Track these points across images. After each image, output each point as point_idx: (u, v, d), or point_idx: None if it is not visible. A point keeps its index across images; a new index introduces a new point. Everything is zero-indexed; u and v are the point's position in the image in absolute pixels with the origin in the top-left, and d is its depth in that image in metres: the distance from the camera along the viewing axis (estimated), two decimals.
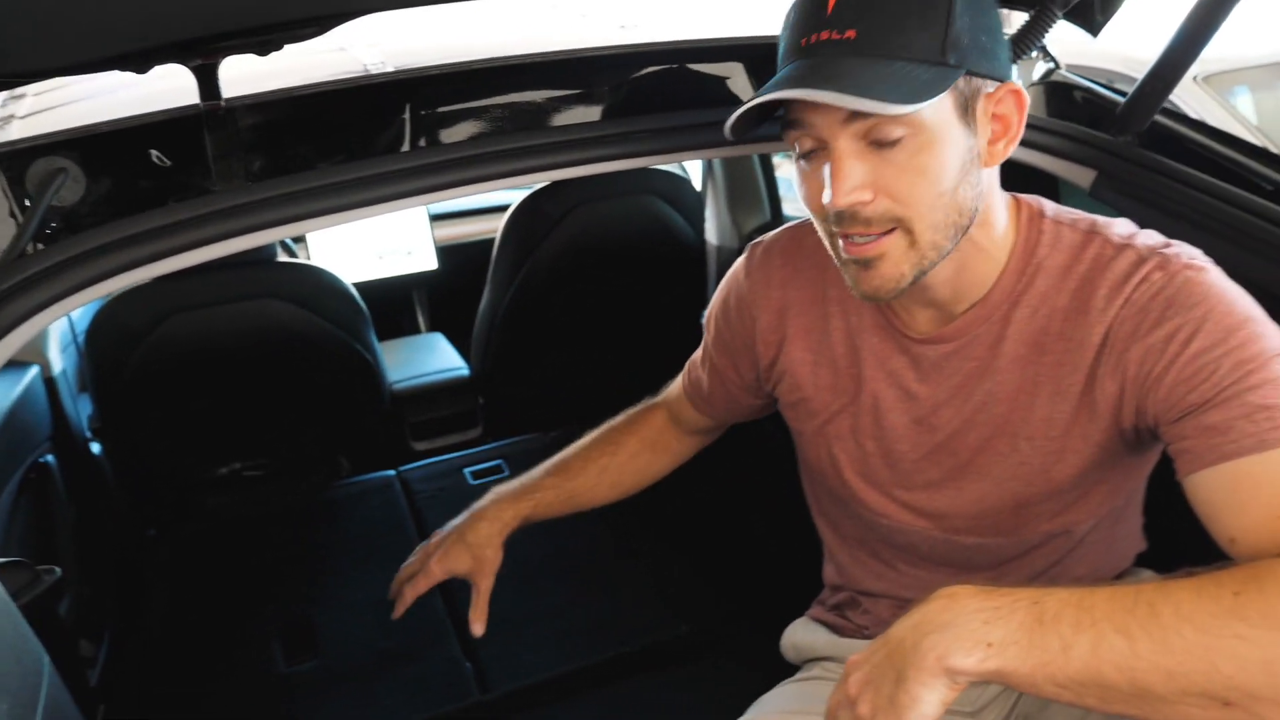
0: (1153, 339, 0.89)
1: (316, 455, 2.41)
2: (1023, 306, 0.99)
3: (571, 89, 1.26)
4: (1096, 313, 0.94)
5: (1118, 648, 0.70)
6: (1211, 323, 0.85)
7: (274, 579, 1.94)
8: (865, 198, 0.88)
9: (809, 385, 1.13)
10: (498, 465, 2.30)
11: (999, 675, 0.73)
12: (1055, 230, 0.99)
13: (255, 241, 1.10)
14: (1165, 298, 0.89)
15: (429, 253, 3.01)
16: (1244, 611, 0.69)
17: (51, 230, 1.06)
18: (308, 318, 2.13)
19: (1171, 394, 0.87)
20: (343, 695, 1.61)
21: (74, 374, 2.13)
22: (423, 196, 1.16)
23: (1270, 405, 0.81)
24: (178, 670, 1.72)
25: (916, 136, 0.87)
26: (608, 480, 1.39)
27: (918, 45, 0.86)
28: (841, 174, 0.87)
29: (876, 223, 0.89)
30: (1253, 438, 0.81)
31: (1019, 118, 0.94)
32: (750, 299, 1.17)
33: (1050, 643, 0.72)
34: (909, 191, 0.88)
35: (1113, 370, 0.93)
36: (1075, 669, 0.71)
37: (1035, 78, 1.44)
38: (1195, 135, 1.29)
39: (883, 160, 0.88)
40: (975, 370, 1.02)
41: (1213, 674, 0.68)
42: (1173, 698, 0.70)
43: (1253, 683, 0.68)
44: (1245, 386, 0.82)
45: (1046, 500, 1.03)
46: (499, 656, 1.67)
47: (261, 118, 1.11)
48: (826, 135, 0.88)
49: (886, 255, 0.91)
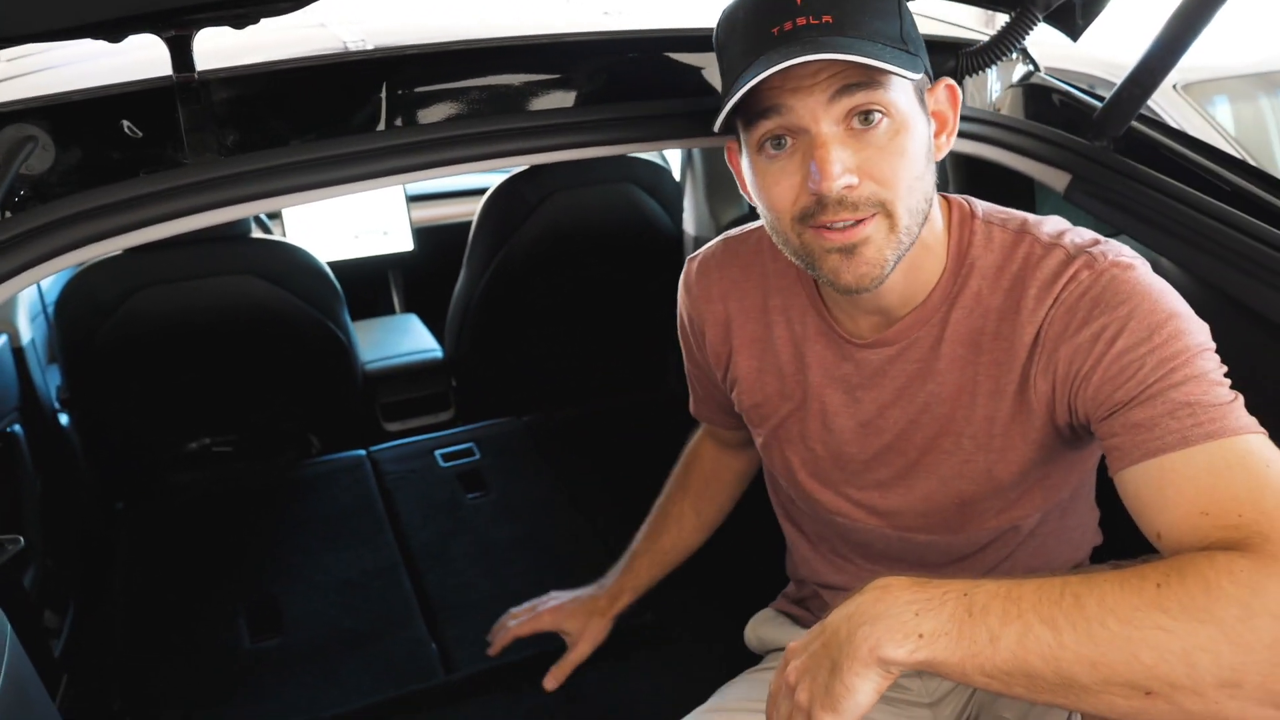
0: (1080, 338, 0.91)
1: (287, 433, 2.40)
2: (958, 308, 1.00)
3: (553, 74, 1.26)
4: (1027, 313, 0.95)
5: (1044, 639, 0.72)
6: (1136, 320, 0.87)
7: (241, 555, 1.93)
8: (853, 181, 0.89)
9: (757, 392, 1.15)
10: (469, 448, 2.29)
11: (929, 665, 0.75)
12: (986, 230, 1.00)
13: (226, 216, 1.09)
14: (1092, 297, 0.91)
15: (405, 234, 2.99)
16: (1165, 603, 0.71)
17: (19, 198, 1.05)
18: (281, 295, 2.12)
19: (1099, 392, 0.89)
20: (307, 673, 1.61)
21: (43, 344, 2.11)
22: (398, 176, 1.16)
23: (1193, 402, 0.83)
24: (142, 643, 1.71)
25: (893, 118, 0.89)
26: (689, 526, 1.44)
27: (885, 32, 0.88)
28: (830, 158, 0.88)
29: (863, 207, 0.90)
30: (1176, 434, 0.83)
31: (954, 113, 0.98)
32: (695, 314, 1.20)
33: (979, 634, 0.73)
34: (892, 173, 0.90)
35: (1044, 369, 0.95)
36: (1002, 659, 0.73)
37: (1014, 80, 1.45)
38: (1171, 143, 1.30)
39: (863, 143, 0.89)
40: (917, 372, 1.03)
41: (1134, 664, 0.70)
42: (1096, 687, 0.71)
43: (1172, 673, 0.70)
44: (1169, 384, 0.84)
45: (991, 497, 1.05)
46: (464, 638, 1.67)
47: (236, 92, 1.10)
48: (807, 120, 0.89)
49: (870, 240, 0.91)
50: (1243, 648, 0.68)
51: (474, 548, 1.93)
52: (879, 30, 0.88)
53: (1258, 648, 0.68)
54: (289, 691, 1.57)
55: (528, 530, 1.98)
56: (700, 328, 1.19)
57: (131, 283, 2.00)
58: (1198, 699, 0.70)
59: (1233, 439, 0.81)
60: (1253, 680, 0.68)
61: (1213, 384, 0.84)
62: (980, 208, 1.03)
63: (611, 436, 1.31)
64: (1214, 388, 0.84)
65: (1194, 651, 0.69)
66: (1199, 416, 0.82)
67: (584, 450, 2.24)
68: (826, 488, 1.14)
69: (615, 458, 1.42)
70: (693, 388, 1.34)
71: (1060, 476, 1.06)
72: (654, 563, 1.44)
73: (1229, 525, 0.77)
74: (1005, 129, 1.37)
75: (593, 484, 2.10)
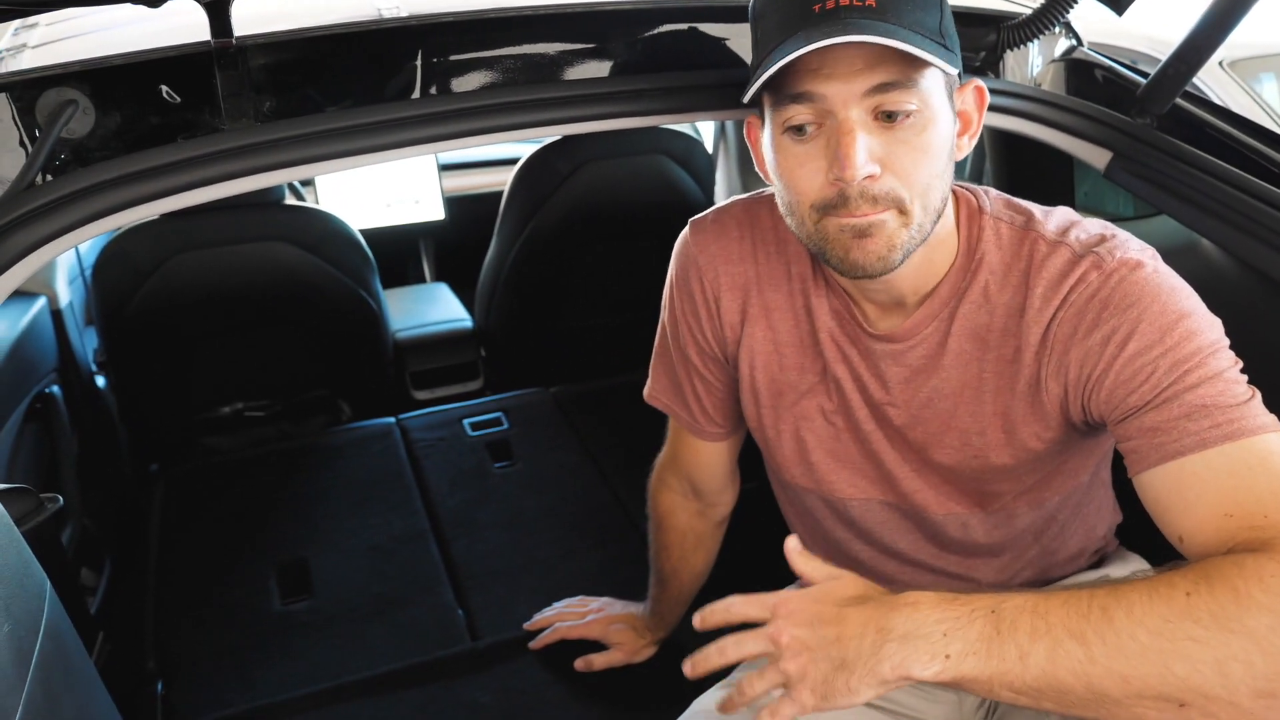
0: (1090, 341, 0.89)
1: (318, 399, 2.42)
2: (966, 303, 0.99)
3: (587, 43, 1.25)
4: (1034, 312, 0.94)
5: (1073, 654, 0.71)
6: (1146, 323, 0.86)
7: (272, 519, 1.96)
8: (876, 171, 0.88)
9: (775, 365, 1.11)
10: (497, 418, 2.31)
11: (957, 684, 0.74)
12: (994, 226, 0.99)
13: (262, 182, 1.10)
14: (1100, 299, 0.89)
15: (437, 203, 3.00)
16: (1195, 613, 0.70)
17: (60, 162, 1.06)
18: (314, 262, 2.13)
19: (1112, 396, 0.88)
20: (336, 635, 1.63)
21: (80, 307, 2.14)
22: (432, 145, 1.16)
23: (1209, 404, 0.82)
24: (175, 603, 1.74)
25: (923, 112, 0.87)
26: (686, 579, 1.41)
27: (926, 24, 0.86)
28: (856, 147, 0.86)
29: (882, 200, 0.89)
30: (1194, 437, 0.82)
31: (979, 115, 0.96)
32: (710, 276, 1.12)
33: (1008, 652, 0.72)
34: (913, 169, 0.88)
35: (1055, 372, 0.94)
36: (1032, 676, 0.72)
37: (1056, 54, 1.43)
38: (1217, 121, 1.27)
39: (890, 136, 0.88)
40: (922, 366, 1.02)
41: (1167, 676, 0.69)
42: (1129, 700, 0.71)
43: (1206, 684, 0.69)
44: (1184, 386, 0.83)
45: (1008, 485, 1.05)
46: (491, 606, 1.69)
47: (273, 58, 1.11)
48: (838, 106, 0.87)
49: (883, 224, 0.89)
50: (1277, 657, 0.67)
51: (501, 516, 1.95)
52: (920, 21, 0.86)
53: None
54: (318, 653, 1.60)
55: (554, 500, 2.00)
56: (714, 292, 1.12)
57: (167, 248, 2.03)
58: (1234, 710, 0.69)
59: (1252, 439, 0.80)
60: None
61: (1228, 383, 0.83)
62: (989, 202, 1.01)
63: (639, 408, 1.31)
64: (1230, 387, 0.83)
65: (1227, 662, 0.68)
66: (1216, 418, 0.82)
67: (611, 421, 2.25)
68: (843, 466, 1.12)
69: (642, 429, 1.42)
70: (671, 376, 1.24)
71: (1078, 462, 1.05)
72: (674, 605, 1.43)
73: (1254, 526, 0.76)
74: (1045, 104, 1.35)
75: (619, 455, 2.11)
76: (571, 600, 1.57)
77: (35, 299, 1.82)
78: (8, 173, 1.03)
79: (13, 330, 1.65)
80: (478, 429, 2.26)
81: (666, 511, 1.37)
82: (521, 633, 1.55)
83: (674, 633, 1.48)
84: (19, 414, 1.64)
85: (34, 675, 0.86)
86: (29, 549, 0.96)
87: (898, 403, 1.05)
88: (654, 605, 1.45)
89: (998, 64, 1.40)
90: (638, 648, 1.46)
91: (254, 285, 2.13)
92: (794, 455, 1.15)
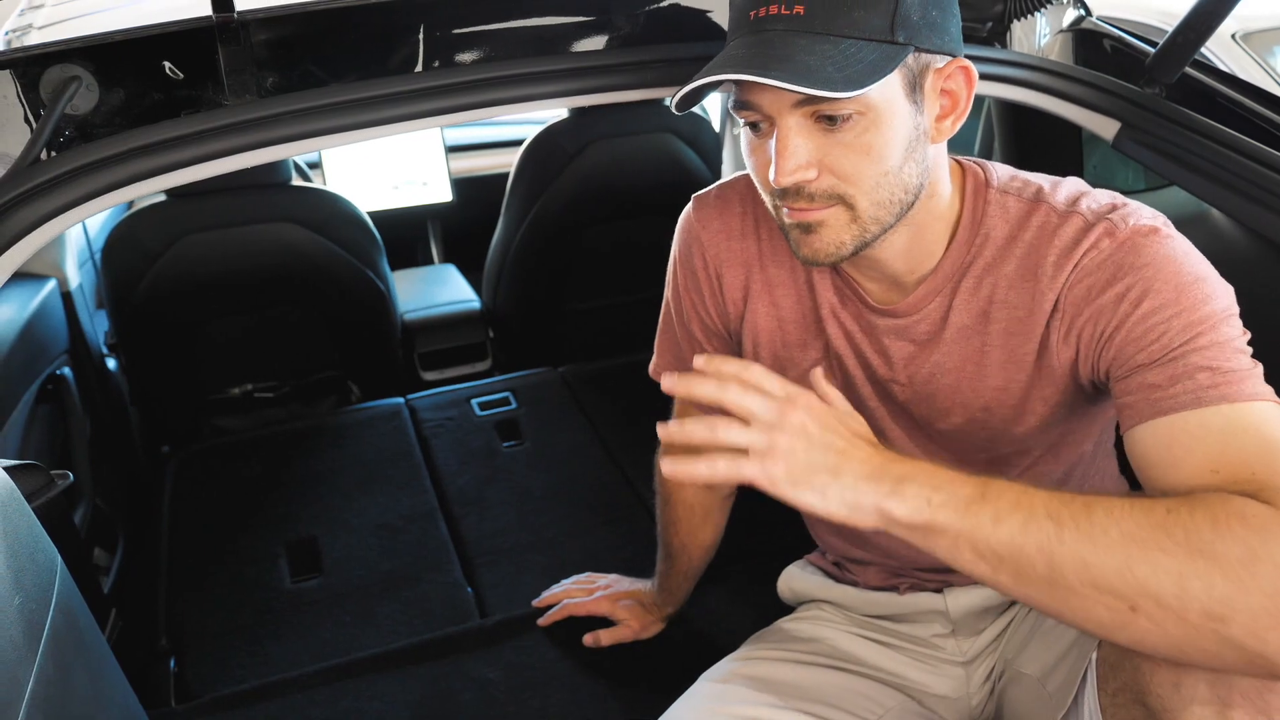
0: (1104, 299, 0.89)
1: (327, 380, 2.43)
2: (970, 277, 0.99)
3: (592, 15, 1.24)
4: (1046, 280, 0.94)
5: (1045, 529, 0.74)
6: (1161, 282, 0.86)
7: (282, 498, 1.97)
8: (810, 175, 0.88)
9: (778, 341, 1.11)
10: (505, 398, 2.31)
11: (928, 528, 0.77)
12: (1001, 200, 0.98)
13: (266, 157, 1.10)
14: (1115, 262, 0.89)
15: (444, 184, 2.99)
16: (1170, 528, 0.71)
17: (65, 138, 1.06)
18: (322, 243, 2.14)
19: (1121, 352, 0.88)
20: (345, 612, 1.64)
21: (91, 290, 2.15)
22: (435, 118, 1.15)
23: (1211, 366, 0.82)
24: (186, 582, 1.76)
25: (864, 115, 0.86)
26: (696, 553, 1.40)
27: (866, 22, 0.84)
28: (786, 152, 0.87)
29: (820, 198, 0.89)
30: (1190, 394, 0.82)
31: (968, 94, 0.93)
32: (713, 252, 1.13)
33: (984, 512, 0.76)
34: (854, 170, 0.88)
35: (1066, 335, 0.94)
36: (999, 541, 0.75)
37: (1065, 24, 1.41)
38: (1227, 89, 1.26)
39: (829, 138, 0.87)
40: (924, 342, 1.02)
41: (1126, 574, 0.71)
42: (1083, 589, 0.72)
43: (1162, 591, 0.70)
44: (1192, 348, 0.83)
45: (1014, 456, 1.05)
46: (499, 583, 1.70)
47: (275, 33, 1.11)
48: (774, 114, 0.88)
49: (825, 223, 0.91)
50: (1238, 586, 0.68)
51: (509, 495, 1.96)
52: (858, 21, 0.84)
53: (1253, 590, 0.68)
54: (328, 630, 1.61)
55: (562, 479, 2.00)
56: (717, 268, 1.13)
57: (176, 229, 2.03)
58: (1180, 624, 0.70)
59: (1249, 404, 0.80)
60: (1240, 619, 0.68)
61: (1235, 351, 0.83)
62: (995, 175, 1.00)
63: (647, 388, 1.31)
64: (1236, 355, 0.83)
65: (1189, 577, 0.70)
66: (1215, 379, 0.81)
67: (619, 401, 2.25)
68: None
69: (650, 409, 1.41)
70: (675, 351, 1.24)
71: (1083, 430, 1.05)
72: (682, 580, 1.44)
73: (1239, 481, 0.76)
74: (1052, 75, 1.34)
75: (627, 435, 2.11)
76: (579, 577, 1.58)
77: (45, 281, 1.83)
78: (12, 149, 1.03)
79: (23, 312, 1.66)
80: (486, 409, 2.27)
81: (674, 486, 1.37)
82: (529, 610, 1.56)
83: (681, 609, 1.48)
84: (31, 395, 1.65)
85: (45, 648, 0.87)
86: (39, 524, 0.97)
87: (901, 379, 1.05)
88: (662, 581, 1.45)
89: (1005, 34, 1.38)
90: (645, 624, 1.47)
91: (263, 267, 2.13)
92: None
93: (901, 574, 1.20)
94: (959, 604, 1.18)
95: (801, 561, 1.37)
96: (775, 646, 1.21)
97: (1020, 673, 1.12)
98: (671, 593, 1.45)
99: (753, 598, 1.46)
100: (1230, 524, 0.70)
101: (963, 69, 0.92)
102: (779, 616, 1.32)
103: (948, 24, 0.90)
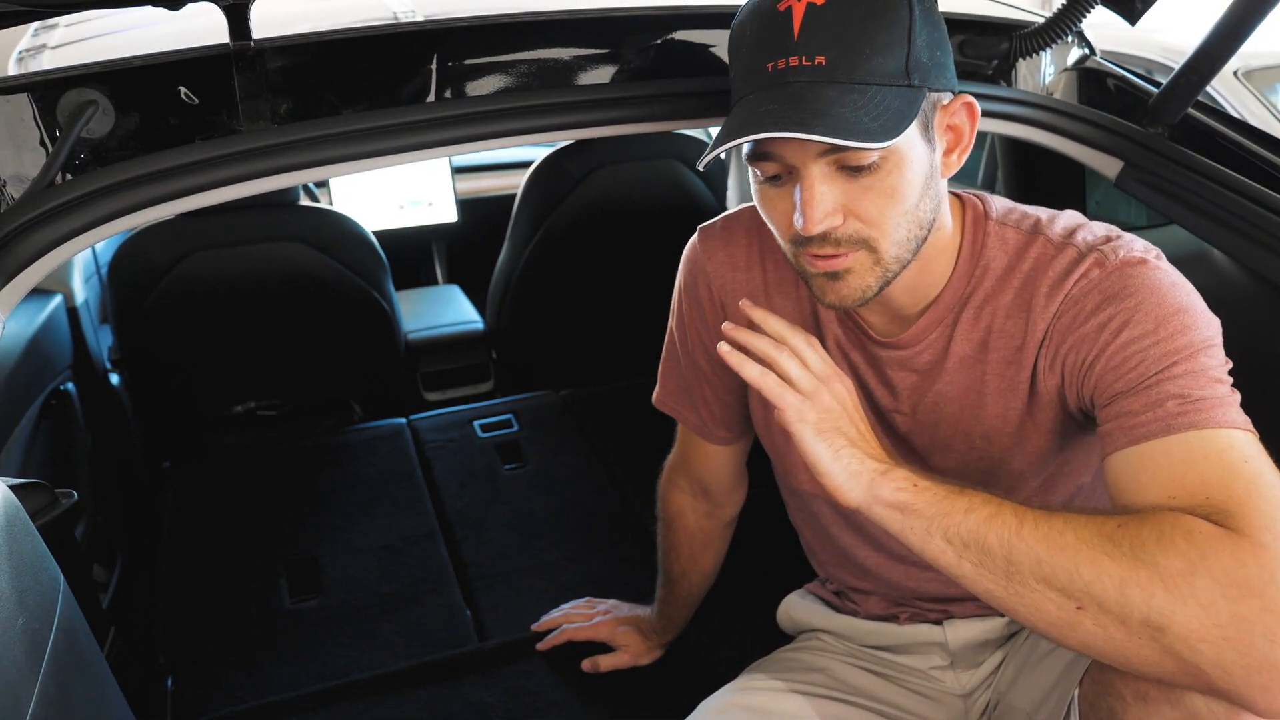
0: (1087, 328, 0.91)
1: (330, 399, 2.44)
2: (970, 308, 1.00)
3: (600, 48, 1.26)
4: (1038, 310, 0.95)
5: (1008, 523, 0.80)
6: (1143, 312, 0.87)
7: (283, 517, 1.97)
8: (837, 222, 0.89)
9: None
10: (508, 420, 2.32)
11: (904, 508, 0.85)
12: (1000, 233, 0.99)
13: (279, 184, 1.11)
14: (1101, 290, 0.91)
15: (450, 205, 3.01)
16: (1118, 538, 0.76)
17: (80, 162, 1.07)
18: (327, 263, 2.15)
19: (1101, 380, 0.89)
20: (344, 634, 1.64)
21: (96, 305, 2.16)
22: (446, 148, 1.17)
23: (1184, 395, 0.83)
24: (186, 600, 1.76)
25: (889, 160, 0.87)
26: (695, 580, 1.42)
27: (884, 68, 0.85)
28: (814, 201, 0.87)
29: (845, 243, 0.90)
30: (1160, 422, 0.83)
31: (971, 127, 0.95)
32: (718, 283, 1.14)
33: (958, 502, 0.83)
34: (879, 214, 0.89)
35: (1052, 363, 0.95)
36: (967, 528, 0.81)
37: (1069, 63, 1.43)
38: (1229, 131, 1.27)
39: (853, 184, 0.88)
40: (927, 373, 1.03)
41: (1074, 575, 0.76)
42: (1035, 582, 0.78)
43: (1104, 595, 0.73)
44: (1167, 376, 0.84)
45: (1012, 490, 1.05)
46: (498, 606, 1.70)
47: (290, 61, 1.12)
48: (797, 164, 0.88)
49: (851, 270, 0.92)
50: (1176, 597, 0.72)
51: (510, 518, 1.96)
52: (877, 68, 0.85)
53: (1191, 603, 0.71)
54: (326, 652, 1.61)
55: (564, 502, 2.00)
56: (722, 300, 1.14)
57: (183, 247, 2.04)
58: (1122, 629, 0.74)
59: (1216, 430, 0.82)
60: (1177, 629, 0.72)
61: (1211, 380, 0.84)
62: (995, 208, 1.01)
63: (648, 412, 1.32)
64: (1211, 384, 0.84)
65: (1130, 584, 0.74)
66: (1184, 407, 0.83)
67: (621, 424, 2.26)
68: None
69: (651, 433, 1.42)
70: (680, 381, 1.25)
71: (1080, 461, 1.05)
72: (682, 607, 1.44)
73: (1195, 505, 0.78)
74: (1057, 113, 1.35)
75: (629, 458, 2.11)
76: (579, 602, 1.58)
77: (51, 296, 1.84)
78: (29, 171, 1.04)
79: (29, 327, 1.67)
80: (488, 430, 2.27)
81: (676, 512, 1.37)
82: (529, 634, 1.55)
83: (681, 636, 1.48)
84: (34, 410, 1.65)
85: (47, 668, 0.87)
86: (44, 543, 0.97)
87: (904, 409, 1.05)
88: (662, 607, 1.45)
89: (1010, 72, 1.40)
90: (645, 650, 1.47)
91: (268, 285, 2.14)
92: (802, 461, 1.15)
93: (903, 603, 1.20)
94: (958, 636, 1.18)
95: (801, 591, 1.37)
96: (774, 676, 1.21)
97: (1012, 706, 1.12)
98: (671, 619, 1.45)
99: (752, 626, 1.46)
100: (1175, 539, 0.74)
101: (966, 105, 0.94)
102: (778, 646, 1.32)
103: (948, 62, 0.92)
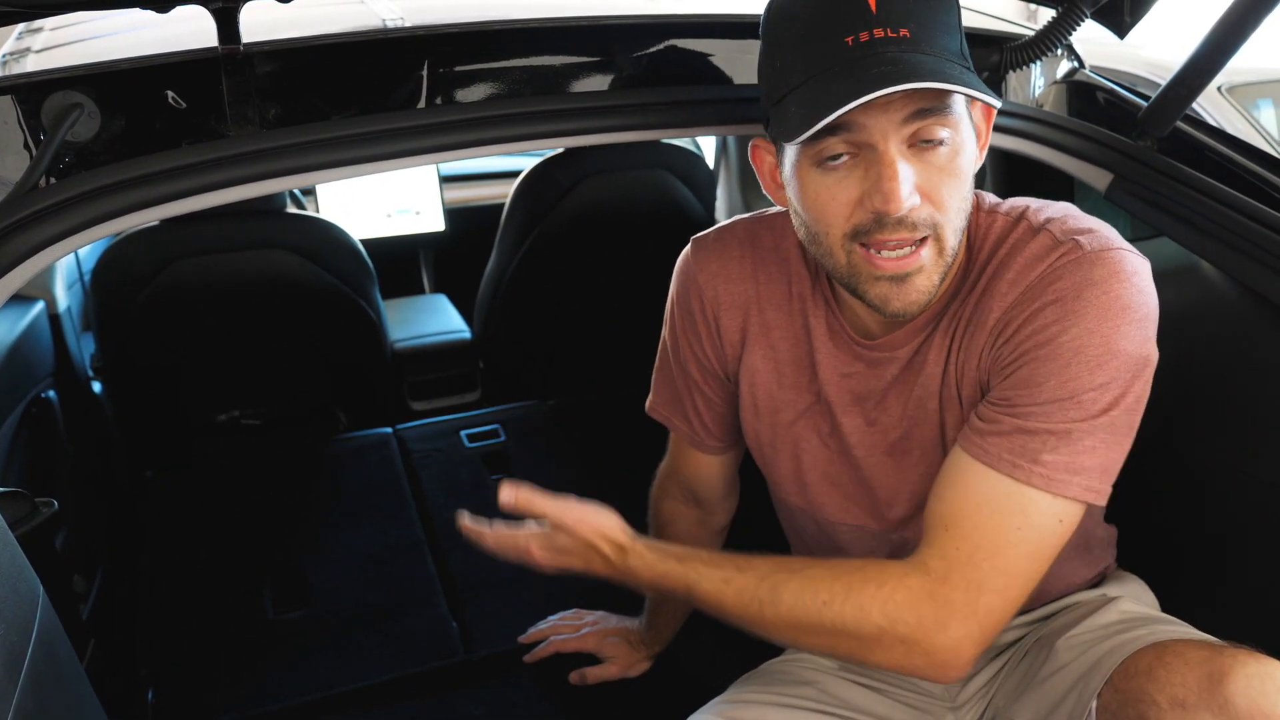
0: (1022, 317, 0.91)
1: (315, 408, 2.42)
2: (955, 301, 1.00)
3: (590, 56, 1.25)
4: (999, 296, 0.95)
5: (713, 578, 1.00)
6: (1071, 336, 0.88)
7: (267, 527, 1.95)
8: (916, 202, 0.88)
9: (774, 384, 1.12)
10: (494, 429, 2.30)
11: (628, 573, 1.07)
12: (990, 220, 1.00)
13: (266, 189, 1.10)
14: (1056, 291, 0.90)
15: (437, 214, 3.00)
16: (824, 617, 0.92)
17: (65, 165, 1.06)
18: (314, 270, 2.13)
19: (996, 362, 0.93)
20: (329, 645, 1.62)
21: (78, 312, 2.14)
22: (434, 155, 1.16)
23: (1036, 446, 0.86)
24: (168, 610, 1.73)
25: (955, 137, 0.88)
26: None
27: (951, 46, 0.87)
28: (899, 177, 0.85)
29: (920, 227, 0.89)
30: (992, 453, 0.88)
31: (987, 129, 0.97)
32: (710, 295, 1.13)
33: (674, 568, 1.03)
34: (948, 196, 0.89)
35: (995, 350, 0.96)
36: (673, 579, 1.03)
37: (1058, 76, 1.44)
38: (1217, 145, 1.28)
39: (926, 164, 0.88)
40: (911, 370, 1.03)
41: (799, 640, 0.98)
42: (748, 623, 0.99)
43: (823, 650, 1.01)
44: (1041, 416, 0.87)
45: None
46: (485, 618, 1.68)
47: (278, 66, 1.11)
48: (877, 138, 0.86)
49: (923, 268, 0.91)
50: (869, 652, 0.92)
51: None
52: (947, 47, 0.86)
53: (878, 655, 0.92)
54: (311, 663, 1.59)
55: None
56: (714, 312, 1.13)
57: (167, 253, 2.02)
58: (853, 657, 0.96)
59: (1032, 490, 0.85)
60: (877, 663, 0.93)
61: (1077, 452, 0.86)
62: (987, 200, 1.02)
63: (636, 422, 1.31)
64: (1077, 457, 0.86)
65: (836, 649, 0.96)
66: (1026, 456, 0.86)
67: (608, 435, 2.24)
68: (837, 490, 1.12)
69: (639, 444, 1.42)
70: (672, 390, 1.24)
71: None
72: (671, 617, 1.44)
73: (944, 554, 0.88)
74: (1047, 125, 1.36)
75: (616, 468, 2.10)
76: (566, 613, 1.56)
77: (33, 303, 1.82)
78: (11, 175, 1.03)
79: (10, 334, 1.65)
80: (475, 440, 2.26)
81: (667, 519, 1.37)
82: (516, 646, 1.54)
83: (669, 647, 1.47)
84: (14, 418, 1.63)
85: (25, 681, 0.85)
86: (22, 553, 0.95)
87: (890, 411, 1.05)
88: (650, 619, 1.44)
89: (1000, 84, 1.40)
90: (632, 662, 1.46)
91: (253, 293, 2.12)
92: (790, 475, 1.15)
93: None
94: None
95: None
96: (764, 689, 1.20)
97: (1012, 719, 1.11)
98: (659, 631, 1.44)
99: (741, 638, 1.44)
100: (870, 612, 0.90)
101: (985, 106, 0.94)
102: (768, 658, 1.31)
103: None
